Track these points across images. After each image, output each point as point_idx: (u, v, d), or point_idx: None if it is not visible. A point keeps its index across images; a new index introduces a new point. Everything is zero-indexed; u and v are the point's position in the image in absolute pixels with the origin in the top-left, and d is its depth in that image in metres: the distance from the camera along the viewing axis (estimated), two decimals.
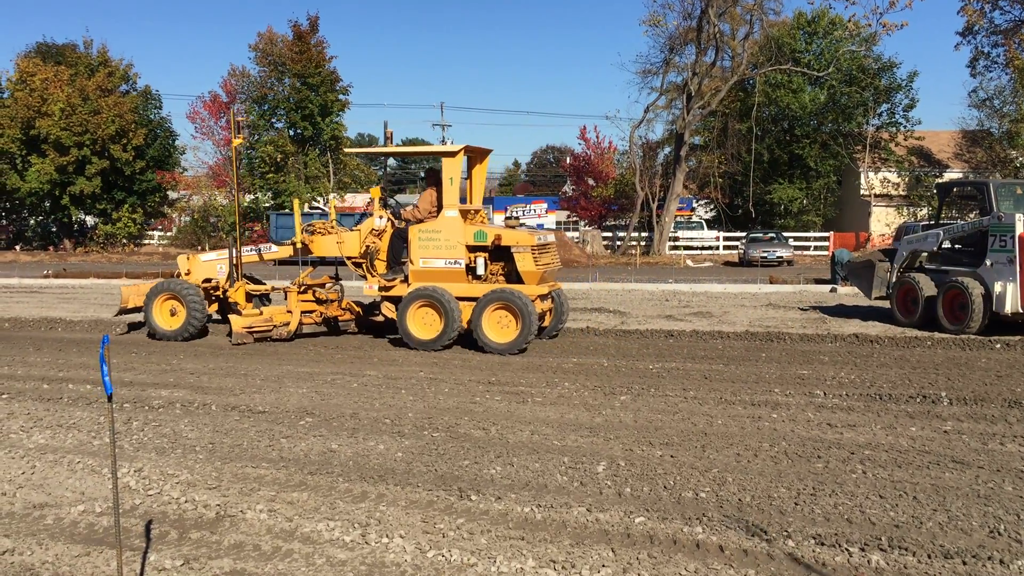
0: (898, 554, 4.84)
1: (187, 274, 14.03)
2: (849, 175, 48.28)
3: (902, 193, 47.01)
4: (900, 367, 10.85)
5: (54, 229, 48.92)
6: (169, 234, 52.93)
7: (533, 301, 12.29)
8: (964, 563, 4.72)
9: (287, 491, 5.96)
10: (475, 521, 5.38)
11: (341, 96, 49.21)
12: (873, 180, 46.94)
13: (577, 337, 13.93)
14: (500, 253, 12.80)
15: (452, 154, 12.70)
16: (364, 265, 13.46)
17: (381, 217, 13.52)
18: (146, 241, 51.05)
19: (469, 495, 5.85)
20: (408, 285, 12.85)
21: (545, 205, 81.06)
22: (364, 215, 14.88)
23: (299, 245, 13.76)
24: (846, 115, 45.69)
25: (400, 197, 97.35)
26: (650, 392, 9.32)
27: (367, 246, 13.43)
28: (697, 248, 45.81)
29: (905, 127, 46.88)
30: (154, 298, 13.59)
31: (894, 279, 15.38)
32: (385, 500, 5.78)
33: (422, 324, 12.60)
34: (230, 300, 13.80)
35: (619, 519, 5.39)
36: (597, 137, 54.52)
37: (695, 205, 54.63)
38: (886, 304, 15.94)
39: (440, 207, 12.91)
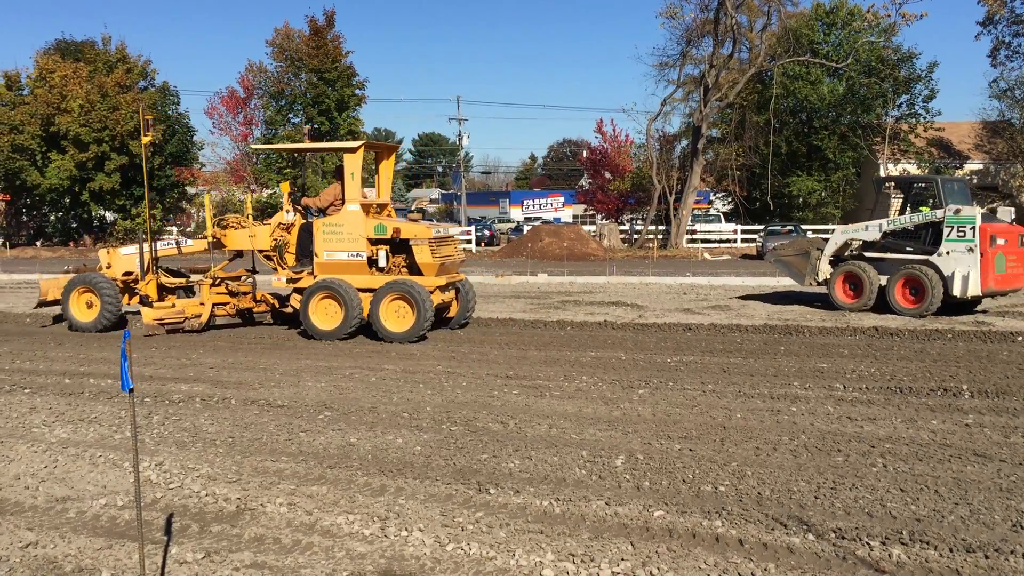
0: (920, 548, 4.81)
1: (108, 267, 14.45)
2: (868, 167, 47.89)
3: None
4: (920, 360, 10.77)
5: (74, 225, 49.28)
6: (188, 229, 53.21)
7: (432, 292, 12.76)
8: (986, 557, 4.69)
9: (307, 485, 5.99)
10: (494, 514, 5.39)
11: (358, 91, 49.27)
12: (892, 172, 46.57)
13: (595, 331, 13.91)
14: (400, 246, 13.22)
15: (353, 150, 13.18)
16: (275, 258, 13.84)
17: (288, 211, 13.87)
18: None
19: (488, 489, 5.85)
20: (315, 277, 13.20)
21: (562, 199, 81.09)
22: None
23: (211, 239, 14.12)
24: (865, 106, 45.30)
25: (416, 192, 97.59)
26: (668, 386, 9.30)
27: (276, 240, 13.79)
28: (715, 241, 45.59)
29: (925, 118, 46.44)
30: (71, 291, 14.06)
31: (824, 267, 16.44)
32: (404, 494, 5.80)
33: (324, 315, 12.97)
34: (141, 293, 14.18)
35: (638, 513, 5.38)
36: (614, 130, 54.49)
37: (712, 198, 54.37)
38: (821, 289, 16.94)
39: (344, 201, 13.32)
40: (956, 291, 14.71)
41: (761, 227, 41.97)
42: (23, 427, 7.66)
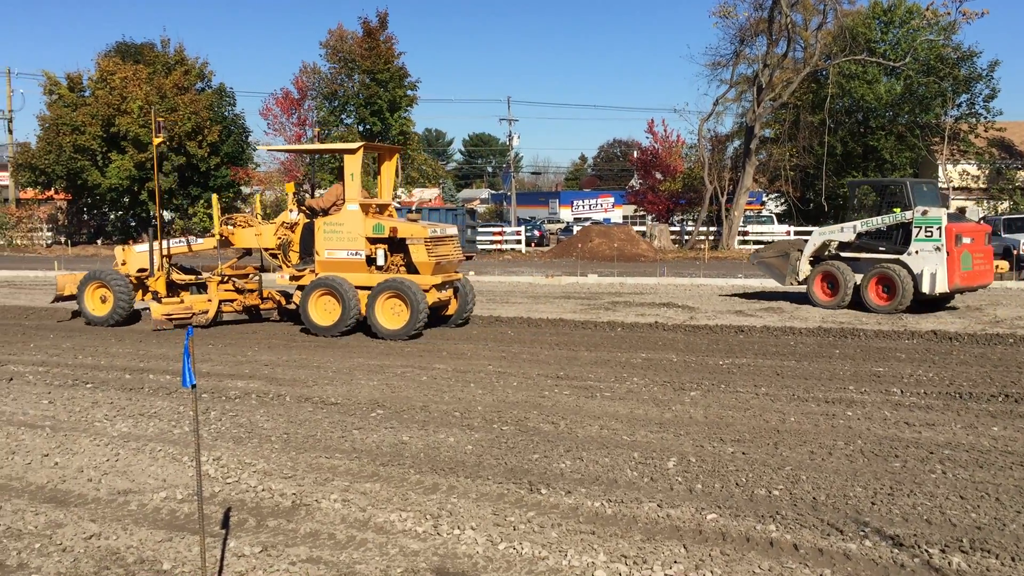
0: (980, 556, 4.71)
1: (123, 264, 14.93)
2: (926, 168, 46.92)
3: (982, 186, 45.55)
4: (981, 365, 10.54)
5: (133, 224, 50.35)
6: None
7: (427, 291, 13.08)
8: None
9: (360, 482, 6.05)
10: (545, 514, 5.40)
11: (409, 92, 49.62)
12: (952, 173, 45.57)
13: (646, 332, 13.85)
14: (399, 245, 13.49)
15: (352, 151, 13.53)
16: (279, 256, 14.26)
17: (292, 211, 14.29)
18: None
19: (539, 488, 5.87)
20: (316, 275, 13.54)
21: (612, 199, 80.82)
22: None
23: (219, 237, 14.61)
24: (923, 106, 44.39)
25: (465, 192, 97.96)
26: (720, 388, 9.23)
27: (280, 238, 14.23)
28: (767, 243, 45.06)
29: (985, 118, 45.34)
30: (86, 286, 14.64)
31: (804, 267, 17.30)
32: (456, 492, 5.83)
33: (323, 311, 13.32)
34: (151, 289, 14.58)
35: (690, 515, 5.35)
36: (665, 131, 54.17)
37: (765, 199, 53.73)
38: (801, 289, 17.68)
39: (344, 201, 13.68)
40: (925, 288, 15.56)
41: (815, 228, 41.35)
42: (86, 421, 7.86)
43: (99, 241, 49.47)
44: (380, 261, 13.47)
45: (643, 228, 46.40)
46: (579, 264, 31.03)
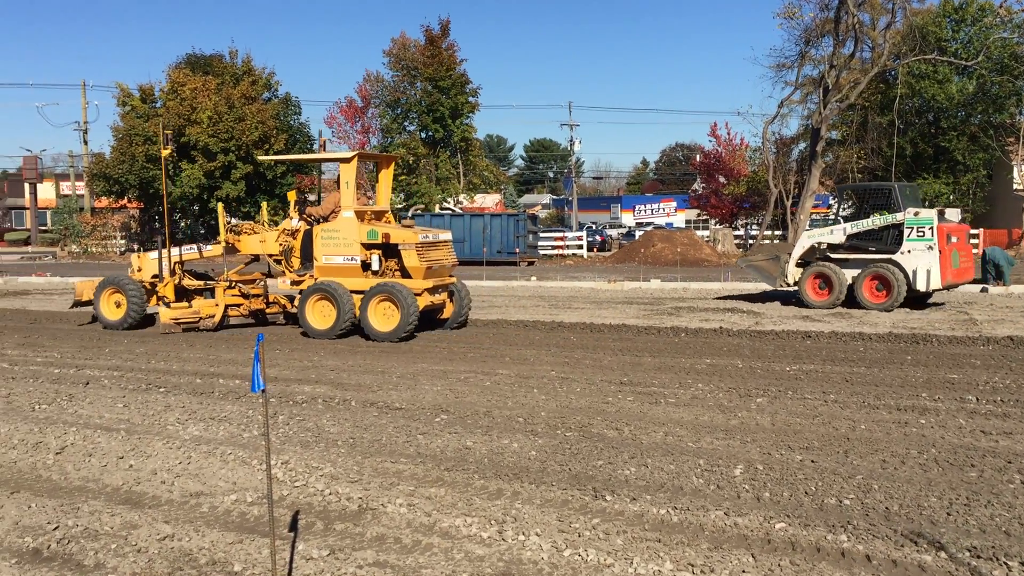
0: None
1: (139, 271, 15.46)
2: (1000, 169, 45.55)
3: None
4: None
5: (203, 231, 51.54)
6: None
7: (420, 294, 13.53)
8: None
9: (425, 486, 6.09)
10: (610, 521, 5.37)
11: (471, 98, 49.95)
12: None
13: (710, 338, 13.69)
14: (392, 250, 13.93)
15: (347, 160, 14.07)
16: (282, 262, 14.83)
17: (294, 218, 14.88)
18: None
19: (604, 495, 5.83)
20: (315, 280, 14.06)
21: (674, 203, 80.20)
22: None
23: (223, 244, 15.22)
24: (997, 105, 43.11)
25: (526, 197, 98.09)
26: (787, 395, 9.08)
27: (282, 245, 14.79)
28: None
29: None
30: (102, 292, 15.25)
31: (792, 269, 17.91)
32: (520, 498, 5.83)
33: (320, 315, 13.84)
34: (159, 294, 15.14)
35: (758, 524, 5.27)
36: (728, 134, 53.48)
37: (832, 202, 52.80)
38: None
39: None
40: (920, 286, 16.51)
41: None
42: (159, 424, 8.05)
43: None
44: (375, 266, 13.93)
45: (706, 232, 45.96)
46: (641, 269, 30.84)
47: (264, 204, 17.41)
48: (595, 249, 47.90)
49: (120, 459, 6.86)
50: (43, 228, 66.13)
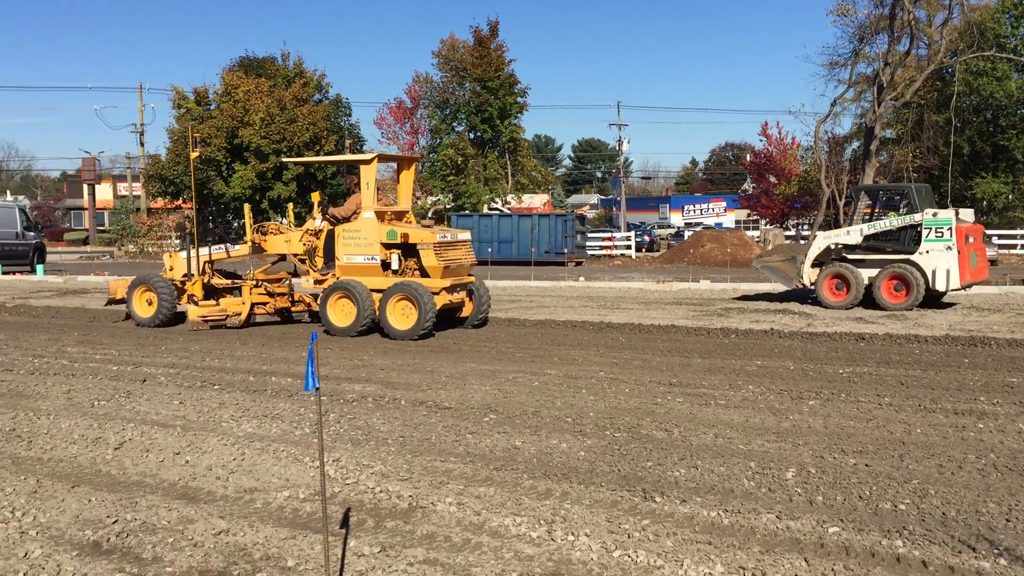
0: None
1: (171, 269, 15.97)
2: None
3: None
4: None
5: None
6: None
7: (438, 293, 13.77)
8: None
9: (474, 485, 6.12)
10: (660, 523, 5.35)
11: (519, 99, 50.00)
12: None
13: (761, 339, 13.55)
14: (410, 250, 14.15)
15: (367, 161, 14.43)
16: (306, 261, 15.21)
17: (317, 219, 15.31)
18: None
19: (653, 496, 5.81)
20: (337, 279, 14.40)
21: (724, 204, 79.46)
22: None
23: (250, 244, 15.65)
24: None
25: (574, 197, 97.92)
26: (840, 397, 8.95)
27: (306, 245, 15.17)
28: None
29: None
30: (134, 290, 15.79)
31: (808, 270, 18.03)
32: (569, 498, 5.83)
33: (340, 313, 14.09)
34: (187, 292, 15.52)
35: (811, 528, 5.21)
36: (779, 133, 52.86)
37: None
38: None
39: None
40: (939, 286, 16.64)
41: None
42: (213, 421, 8.20)
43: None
44: (394, 265, 14.17)
45: (756, 233, 45.45)
46: (690, 270, 30.61)
47: (290, 206, 17.82)
48: (643, 249, 47.66)
49: (176, 455, 7.00)
50: (101, 228, 67.74)
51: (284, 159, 19.56)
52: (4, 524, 5.47)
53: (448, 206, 49.16)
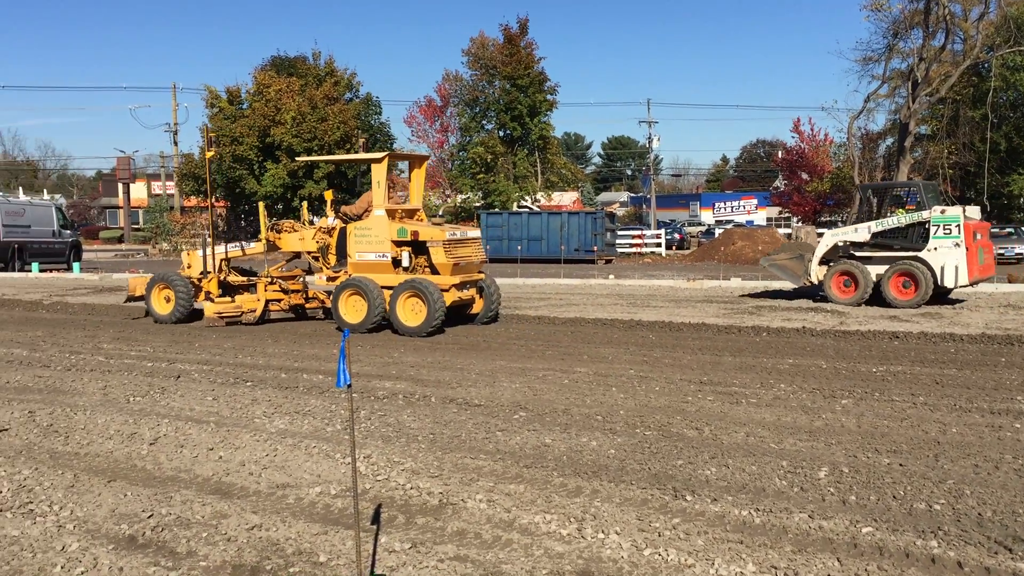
0: None
1: (188, 267, 16.27)
2: None
3: None
4: None
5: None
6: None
7: (447, 290, 14.00)
8: None
9: (504, 483, 6.13)
10: (691, 522, 5.32)
11: (549, 96, 49.97)
12: None
13: (792, 337, 13.44)
14: (421, 247, 14.32)
15: (378, 160, 14.58)
16: (320, 259, 15.45)
17: (330, 216, 15.51)
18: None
19: (684, 495, 5.79)
20: (349, 276, 14.58)
21: (755, 201, 78.91)
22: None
23: (264, 242, 15.97)
24: None
25: (604, 195, 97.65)
26: (874, 396, 8.86)
27: (319, 242, 15.39)
28: None
29: None
30: (152, 288, 16.15)
31: (815, 268, 18.19)
32: (599, 496, 5.82)
33: (352, 309, 14.25)
34: (204, 289, 15.83)
35: (844, 528, 5.16)
36: (812, 129, 52.42)
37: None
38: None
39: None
40: (948, 283, 16.71)
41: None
42: (246, 417, 8.28)
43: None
44: (405, 263, 14.33)
45: (788, 231, 45.06)
46: (721, 268, 30.43)
47: (304, 204, 17.98)
48: (673, 247, 47.44)
49: (210, 450, 7.08)
50: (136, 226, 68.55)
51: (299, 159, 19.73)
52: (42, 518, 5.56)
53: (477, 204, 49.21)
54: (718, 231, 48.98)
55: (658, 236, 46.07)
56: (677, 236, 50.13)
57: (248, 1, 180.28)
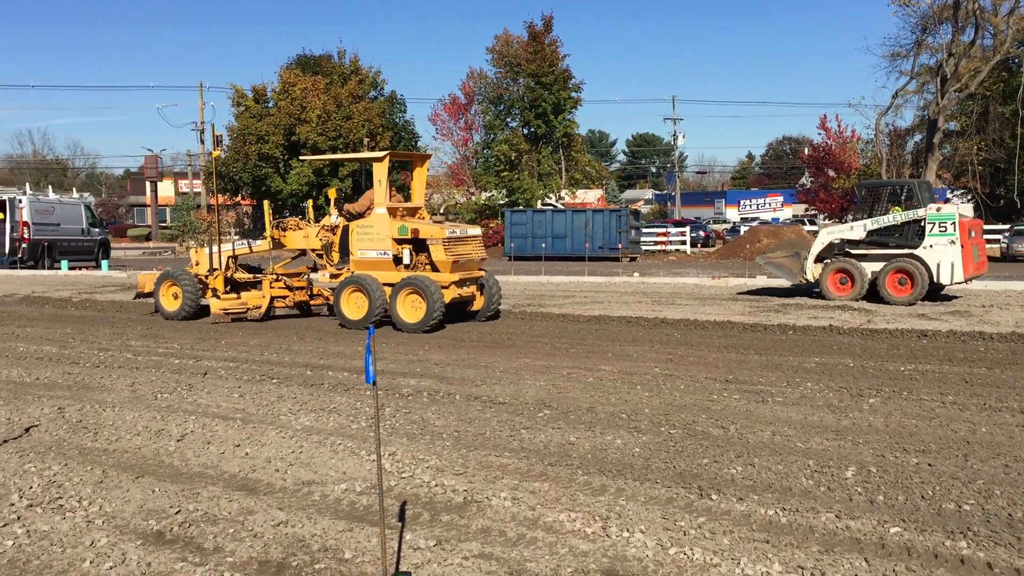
0: None
1: (196, 264, 16.46)
2: None
3: None
4: None
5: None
6: None
7: (447, 287, 14.13)
8: None
9: (529, 480, 6.13)
10: (716, 521, 5.30)
11: (573, 94, 49.88)
12: None
13: (819, 336, 13.34)
14: (421, 245, 14.49)
15: (379, 159, 14.80)
16: (323, 256, 15.68)
17: (333, 215, 15.70)
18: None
19: (709, 494, 5.76)
20: (352, 273, 14.78)
21: (780, 198, 78.40)
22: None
23: (270, 240, 16.17)
24: None
25: (629, 192, 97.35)
26: (902, 395, 8.77)
27: (323, 240, 15.59)
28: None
29: None
30: (160, 284, 16.40)
31: (811, 265, 18.34)
32: (624, 495, 5.81)
33: (353, 306, 14.51)
34: (210, 286, 16.03)
35: (872, 528, 5.11)
36: (839, 126, 51.84)
37: (949, 196, 50.74)
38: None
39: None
40: (943, 279, 16.97)
41: (1006, 227, 38.61)
42: (272, 414, 8.33)
43: None
44: (406, 260, 14.53)
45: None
46: (747, 265, 30.25)
47: (309, 202, 18.18)
48: (698, 245, 47.22)
49: (236, 447, 7.13)
50: (163, 224, 69.22)
51: (304, 158, 19.84)
52: (72, 513, 5.63)
53: (502, 202, 49.21)
54: (743, 229, 48.71)
55: (683, 234, 45.88)
56: (702, 234, 49.89)
57: (274, 1, 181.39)
